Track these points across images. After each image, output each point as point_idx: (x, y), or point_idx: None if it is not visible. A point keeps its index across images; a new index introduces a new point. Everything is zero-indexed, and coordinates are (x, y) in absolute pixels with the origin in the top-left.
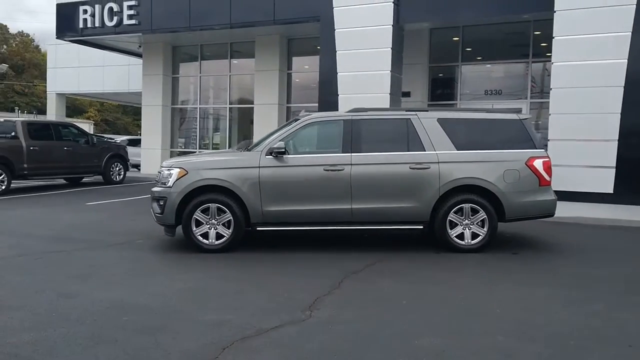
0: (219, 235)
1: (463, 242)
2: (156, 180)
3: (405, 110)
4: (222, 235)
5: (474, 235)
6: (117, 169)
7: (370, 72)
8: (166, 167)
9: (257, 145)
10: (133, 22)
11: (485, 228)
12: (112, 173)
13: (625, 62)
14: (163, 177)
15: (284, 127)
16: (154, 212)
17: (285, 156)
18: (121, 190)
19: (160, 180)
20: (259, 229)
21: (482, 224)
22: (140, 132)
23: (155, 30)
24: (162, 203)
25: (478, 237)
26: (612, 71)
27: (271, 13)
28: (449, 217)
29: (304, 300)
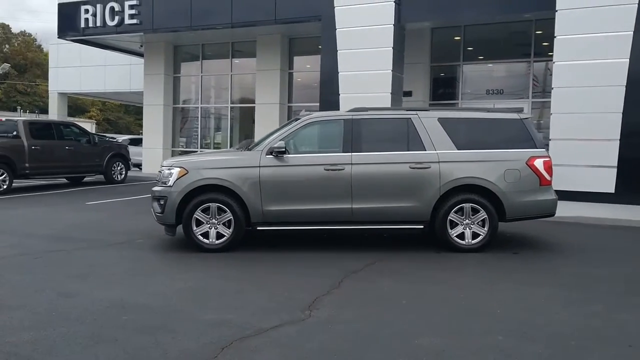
0: (219, 235)
1: (463, 242)
2: (157, 179)
3: (406, 110)
4: (223, 235)
5: (475, 235)
6: (118, 168)
7: (371, 72)
8: (167, 167)
9: (257, 145)
10: (134, 21)
11: (486, 228)
12: (113, 172)
13: (627, 61)
14: (163, 176)
15: (284, 126)
16: (154, 211)
17: (285, 156)
18: (122, 190)
19: (160, 180)
20: (259, 228)
21: (482, 223)
22: (142, 131)
23: (156, 30)
24: (163, 202)
25: (478, 237)
26: (613, 70)
27: (272, 12)
28: (450, 217)
29: (303, 300)
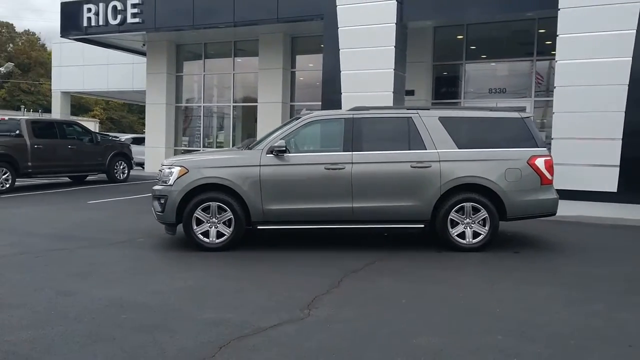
0: (219, 234)
1: (464, 241)
2: (157, 178)
3: (407, 109)
4: (223, 234)
5: (475, 234)
6: (121, 167)
7: (373, 71)
8: (167, 166)
9: (258, 144)
10: (137, 20)
11: (487, 227)
12: (116, 171)
13: (630, 60)
14: (164, 175)
15: (285, 125)
16: (155, 210)
17: (286, 155)
18: (125, 189)
19: (161, 179)
20: (259, 227)
21: (483, 222)
22: (144, 130)
23: (159, 29)
24: (163, 201)
25: (479, 236)
26: (616, 69)
27: (275, 11)
28: (450, 216)
29: (303, 299)
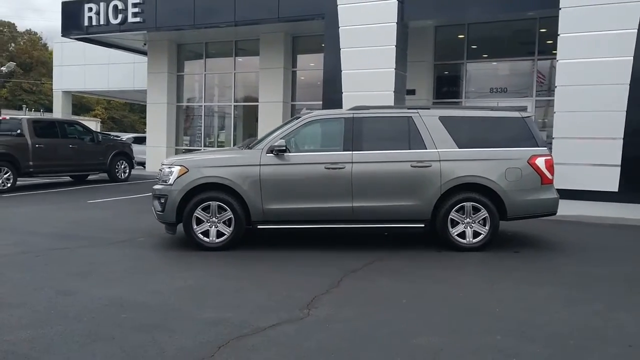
0: (219, 234)
1: (464, 241)
2: (157, 178)
3: (407, 108)
4: (223, 234)
5: (476, 234)
6: (122, 166)
7: (374, 70)
8: (167, 165)
9: (258, 143)
10: (138, 20)
11: (487, 226)
12: (117, 171)
13: (631, 59)
14: (164, 175)
15: (285, 125)
16: (155, 210)
17: (286, 154)
18: (126, 188)
19: (161, 178)
20: (259, 227)
21: (483, 222)
22: (146, 129)
23: (160, 28)
24: (163, 201)
25: (479, 236)
26: (617, 69)
27: (276, 11)
28: (451, 216)
29: (302, 299)
